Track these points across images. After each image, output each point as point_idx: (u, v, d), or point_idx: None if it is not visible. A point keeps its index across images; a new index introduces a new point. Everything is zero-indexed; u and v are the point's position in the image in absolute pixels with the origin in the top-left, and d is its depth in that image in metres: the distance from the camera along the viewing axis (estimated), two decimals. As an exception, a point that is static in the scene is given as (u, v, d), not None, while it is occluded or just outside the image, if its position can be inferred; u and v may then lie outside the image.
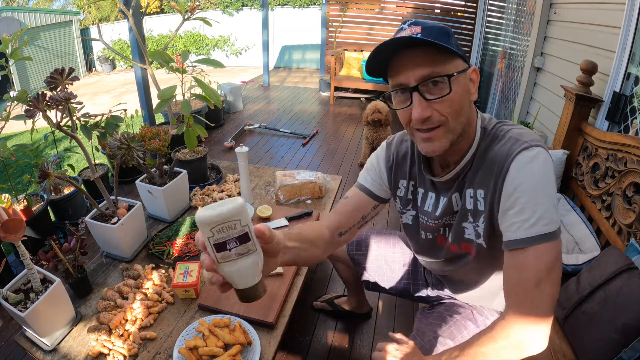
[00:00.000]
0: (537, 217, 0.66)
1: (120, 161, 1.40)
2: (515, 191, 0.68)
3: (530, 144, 0.69)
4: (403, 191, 0.93)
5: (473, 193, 0.78)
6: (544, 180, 0.67)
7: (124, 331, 1.11)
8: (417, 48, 0.69)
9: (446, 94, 0.68)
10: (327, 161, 3.44)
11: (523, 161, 0.68)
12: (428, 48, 0.68)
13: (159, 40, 8.39)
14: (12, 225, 0.96)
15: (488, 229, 0.77)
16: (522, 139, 0.70)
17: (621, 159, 1.46)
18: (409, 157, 0.91)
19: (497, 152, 0.73)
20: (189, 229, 1.59)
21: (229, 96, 4.61)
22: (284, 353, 1.55)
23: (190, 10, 2.25)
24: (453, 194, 0.82)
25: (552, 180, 0.69)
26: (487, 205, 0.75)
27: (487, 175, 0.74)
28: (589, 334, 1.07)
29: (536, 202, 0.67)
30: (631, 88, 1.69)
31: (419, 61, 0.69)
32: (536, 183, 0.67)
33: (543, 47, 2.69)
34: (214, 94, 1.73)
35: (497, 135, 0.75)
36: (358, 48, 5.53)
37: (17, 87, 6.23)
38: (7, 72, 1.83)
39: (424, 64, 0.68)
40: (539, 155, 0.68)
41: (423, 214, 0.91)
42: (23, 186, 2.70)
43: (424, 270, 1.22)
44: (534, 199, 0.67)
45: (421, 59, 0.68)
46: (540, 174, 0.67)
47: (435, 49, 0.67)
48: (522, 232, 0.67)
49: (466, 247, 0.86)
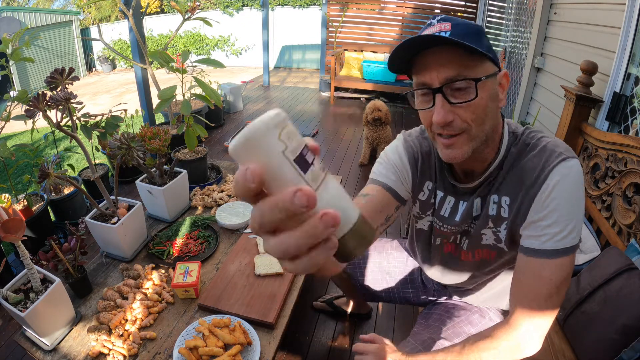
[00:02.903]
0: (569, 231, 0.66)
1: (120, 161, 1.40)
2: (552, 203, 0.66)
3: (567, 155, 0.67)
4: (426, 195, 0.86)
5: (497, 199, 0.75)
6: (579, 193, 0.67)
7: (124, 331, 1.11)
8: (445, 46, 0.64)
9: (472, 98, 0.64)
10: (327, 161, 3.44)
11: (561, 174, 0.66)
12: (456, 47, 0.63)
13: (159, 40, 8.39)
14: (12, 225, 0.96)
15: (510, 235, 0.76)
16: (558, 150, 0.68)
17: (621, 159, 1.47)
18: (433, 156, 0.85)
19: (530, 161, 0.70)
20: (188, 229, 1.59)
21: (229, 96, 4.61)
22: (284, 353, 1.55)
23: (190, 10, 2.25)
24: (475, 199, 0.78)
25: (583, 192, 0.68)
26: (511, 213, 0.74)
27: (516, 184, 0.72)
28: (589, 334, 1.07)
29: (570, 216, 0.66)
30: (631, 88, 1.69)
31: (444, 61, 0.64)
32: (571, 197, 0.66)
33: (543, 47, 2.69)
34: (214, 94, 1.73)
35: (529, 143, 0.72)
36: (358, 48, 5.53)
37: (17, 87, 6.24)
38: (7, 72, 1.83)
39: (451, 65, 0.64)
40: (575, 168, 0.67)
41: (439, 219, 0.86)
42: (23, 186, 2.70)
43: (421, 277, 1.19)
44: (568, 214, 0.66)
45: (448, 59, 0.64)
46: (575, 187, 0.66)
47: (464, 50, 0.63)
48: (551, 244, 0.66)
49: (480, 253, 0.83)
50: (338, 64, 5.27)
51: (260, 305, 1.19)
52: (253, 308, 1.18)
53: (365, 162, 3.34)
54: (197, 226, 1.62)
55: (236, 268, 1.35)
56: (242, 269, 1.35)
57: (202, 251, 1.48)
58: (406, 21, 5.32)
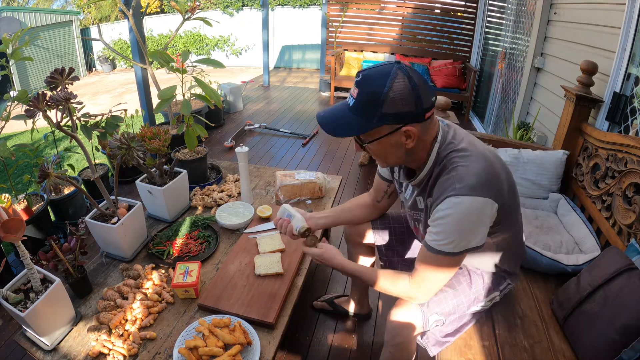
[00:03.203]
0: (446, 241, 0.89)
1: (120, 161, 1.40)
2: (437, 219, 0.90)
3: (460, 193, 0.85)
4: (397, 174, 1.16)
5: (426, 199, 1.01)
6: (459, 224, 0.87)
7: (124, 331, 1.11)
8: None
9: (364, 146, 0.93)
10: (327, 161, 3.45)
11: (446, 206, 0.87)
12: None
13: (159, 40, 8.39)
14: (12, 225, 0.96)
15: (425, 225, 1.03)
16: (457, 185, 0.86)
17: (621, 159, 1.47)
18: None
19: (440, 184, 0.91)
20: (188, 229, 1.59)
21: (229, 96, 4.61)
22: (284, 353, 1.55)
23: (190, 10, 2.25)
24: (417, 197, 1.05)
25: (467, 222, 0.87)
26: (427, 212, 1.01)
27: (431, 194, 0.97)
28: (589, 334, 1.07)
29: (449, 234, 0.88)
30: (631, 88, 1.69)
31: None
32: (450, 224, 0.88)
33: (543, 47, 2.69)
34: (214, 93, 1.73)
35: (446, 167, 0.92)
36: (358, 48, 5.53)
37: (17, 87, 6.24)
38: (8, 72, 1.83)
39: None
40: (461, 205, 0.86)
41: (403, 199, 1.16)
42: (23, 186, 2.70)
43: None
44: (448, 232, 0.88)
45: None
46: (455, 220, 0.87)
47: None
48: (433, 243, 0.91)
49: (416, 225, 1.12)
50: (338, 64, 5.27)
51: (260, 305, 1.19)
52: (253, 308, 1.18)
53: (365, 162, 3.34)
54: (197, 226, 1.62)
55: (236, 268, 1.35)
56: (242, 269, 1.35)
57: (202, 251, 1.48)
58: (406, 21, 5.32)
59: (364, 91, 0.86)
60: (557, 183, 1.85)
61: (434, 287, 0.97)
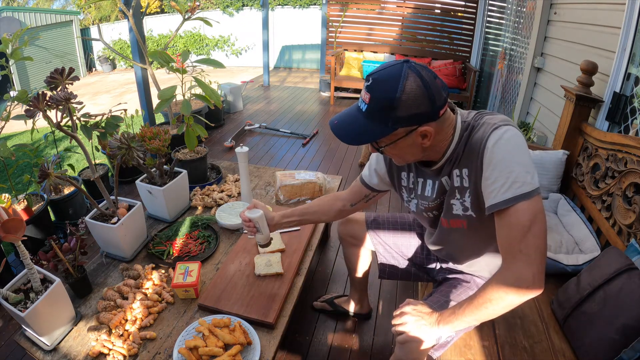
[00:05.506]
0: (510, 183, 0.80)
1: (120, 161, 1.40)
2: (490, 164, 0.83)
3: (499, 124, 0.84)
4: (405, 180, 1.09)
5: (459, 172, 0.93)
6: (514, 150, 0.81)
7: (124, 331, 1.11)
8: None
9: (381, 150, 0.91)
10: (327, 161, 3.45)
11: (494, 139, 0.83)
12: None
13: (159, 40, 8.39)
14: (12, 225, 0.96)
15: (475, 201, 0.91)
16: (492, 122, 0.85)
17: (621, 159, 1.47)
18: None
19: (476, 138, 0.87)
20: (188, 229, 1.59)
21: (229, 96, 4.61)
22: (284, 353, 1.55)
23: (190, 10, 2.25)
24: (443, 177, 0.97)
25: (521, 150, 0.82)
26: (471, 182, 0.90)
27: (470, 157, 0.89)
28: (589, 334, 1.07)
29: (508, 170, 0.80)
30: (631, 88, 1.69)
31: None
32: (506, 155, 0.81)
33: (543, 47, 2.68)
34: (214, 94, 1.74)
35: (475, 125, 0.89)
36: (358, 48, 5.53)
37: (17, 87, 6.24)
38: (7, 72, 1.83)
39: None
40: (507, 132, 0.82)
41: (423, 199, 1.06)
42: (23, 186, 2.70)
43: (424, 255, 1.33)
44: (506, 168, 0.80)
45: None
46: (509, 146, 0.81)
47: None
48: (499, 196, 0.81)
49: (455, 222, 1.00)
50: (338, 64, 5.26)
51: (260, 305, 1.19)
52: (253, 308, 1.18)
53: (365, 162, 3.34)
54: (197, 226, 1.62)
55: (236, 268, 1.35)
56: (242, 269, 1.35)
57: (202, 251, 1.48)
58: (406, 21, 5.32)
59: (376, 96, 0.83)
60: (557, 183, 1.85)
61: (541, 244, 0.79)
